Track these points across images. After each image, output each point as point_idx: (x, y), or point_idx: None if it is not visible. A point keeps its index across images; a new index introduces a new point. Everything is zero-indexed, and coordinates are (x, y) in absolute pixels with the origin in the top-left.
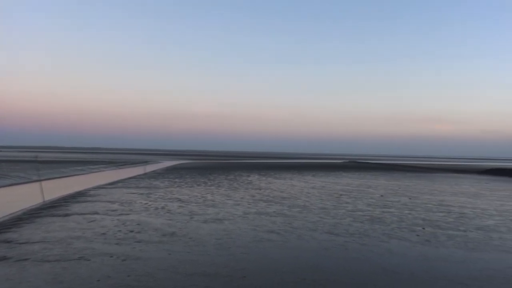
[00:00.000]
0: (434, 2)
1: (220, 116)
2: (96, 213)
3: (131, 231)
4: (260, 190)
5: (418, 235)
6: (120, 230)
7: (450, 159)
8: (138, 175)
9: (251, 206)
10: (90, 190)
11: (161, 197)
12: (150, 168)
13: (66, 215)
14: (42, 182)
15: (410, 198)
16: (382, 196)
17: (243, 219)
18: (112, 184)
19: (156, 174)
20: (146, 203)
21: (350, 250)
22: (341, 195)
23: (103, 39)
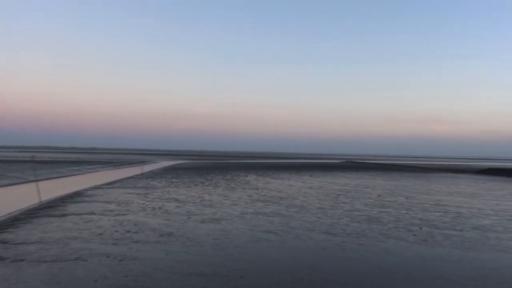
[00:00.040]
0: (434, 2)
1: (219, 116)
2: (93, 213)
3: (128, 231)
4: (257, 190)
5: (415, 235)
6: (117, 231)
7: (449, 159)
8: (136, 175)
9: (249, 206)
10: (87, 190)
11: (158, 197)
12: (147, 168)
13: (63, 216)
14: (39, 182)
15: (407, 198)
16: (379, 196)
17: (241, 219)
18: (109, 184)
19: (153, 174)
20: (143, 203)
21: (347, 250)
22: (338, 195)
23: (103, 39)
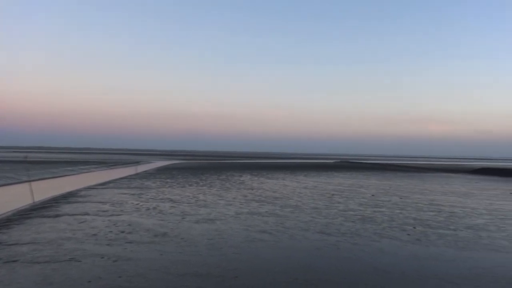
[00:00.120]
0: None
1: (219, 116)
2: (87, 213)
3: (123, 232)
4: (252, 190)
5: (409, 234)
6: (111, 231)
7: (443, 159)
8: (130, 176)
9: (243, 206)
10: (80, 190)
11: (152, 197)
12: (141, 168)
13: (57, 216)
14: (32, 182)
15: (401, 198)
16: (373, 195)
17: (235, 219)
18: (103, 184)
19: (147, 175)
20: (137, 204)
21: (341, 249)
22: (333, 195)
23: (103, 39)
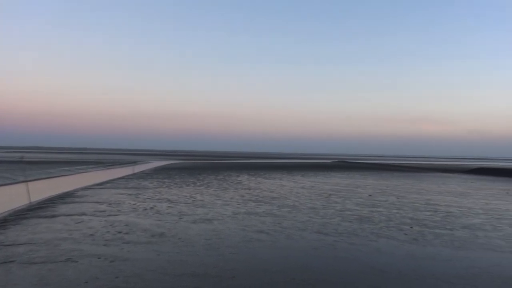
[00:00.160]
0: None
1: (219, 116)
2: (83, 214)
3: (120, 232)
4: (249, 190)
5: (405, 234)
6: (108, 231)
7: (439, 159)
8: (127, 176)
9: (241, 206)
10: (77, 190)
11: (150, 197)
12: (138, 168)
13: (53, 216)
14: (28, 183)
15: (398, 198)
16: (370, 195)
17: (233, 219)
18: (100, 184)
19: (144, 175)
20: (134, 204)
21: (339, 249)
22: (330, 195)
23: (103, 39)
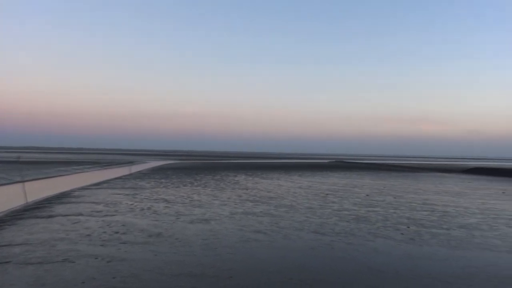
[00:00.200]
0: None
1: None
2: (80, 214)
3: (117, 232)
4: (247, 190)
5: (402, 234)
6: (105, 232)
7: (437, 159)
8: (124, 176)
9: (238, 206)
10: (74, 191)
11: (147, 197)
12: (135, 168)
13: (50, 217)
14: (25, 183)
15: (395, 197)
16: (367, 195)
17: (230, 219)
18: (97, 184)
19: (142, 175)
20: (131, 204)
21: (336, 249)
22: (327, 195)
23: (103, 39)
